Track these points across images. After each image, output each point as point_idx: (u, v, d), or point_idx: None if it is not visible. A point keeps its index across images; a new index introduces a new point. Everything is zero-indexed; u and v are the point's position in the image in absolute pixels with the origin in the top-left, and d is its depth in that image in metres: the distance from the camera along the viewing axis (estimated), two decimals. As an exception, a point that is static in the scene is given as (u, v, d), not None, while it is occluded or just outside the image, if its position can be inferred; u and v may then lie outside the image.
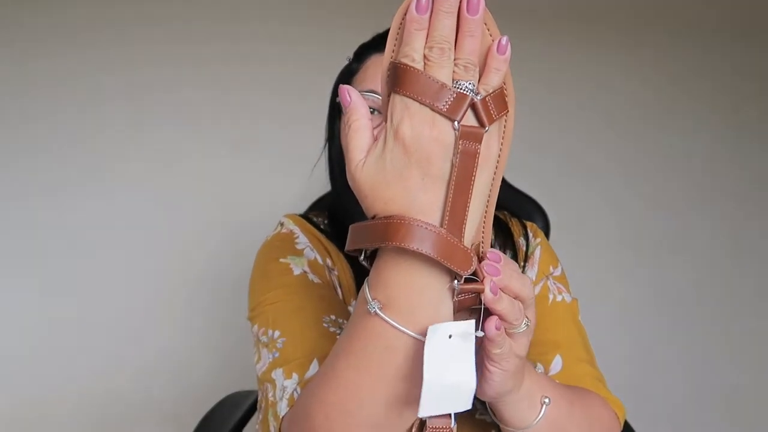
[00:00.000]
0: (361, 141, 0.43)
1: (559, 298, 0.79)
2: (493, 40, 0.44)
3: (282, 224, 0.83)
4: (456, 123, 0.40)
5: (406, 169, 0.41)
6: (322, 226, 0.84)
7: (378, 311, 0.43)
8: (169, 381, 1.49)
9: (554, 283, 0.81)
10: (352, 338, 0.45)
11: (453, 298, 0.43)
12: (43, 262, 1.45)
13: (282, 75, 1.54)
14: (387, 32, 0.44)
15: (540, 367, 0.73)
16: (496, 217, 0.87)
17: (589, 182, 1.69)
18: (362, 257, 0.46)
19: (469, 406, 0.42)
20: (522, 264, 0.82)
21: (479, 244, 0.46)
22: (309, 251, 0.78)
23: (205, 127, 1.51)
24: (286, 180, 1.48)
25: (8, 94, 1.44)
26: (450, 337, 0.41)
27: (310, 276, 0.74)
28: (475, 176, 0.41)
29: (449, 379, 0.40)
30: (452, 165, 0.41)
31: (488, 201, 0.45)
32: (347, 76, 0.81)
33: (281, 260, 0.76)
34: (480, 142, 0.41)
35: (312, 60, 1.46)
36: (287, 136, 1.52)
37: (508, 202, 0.99)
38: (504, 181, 1.06)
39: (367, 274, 0.46)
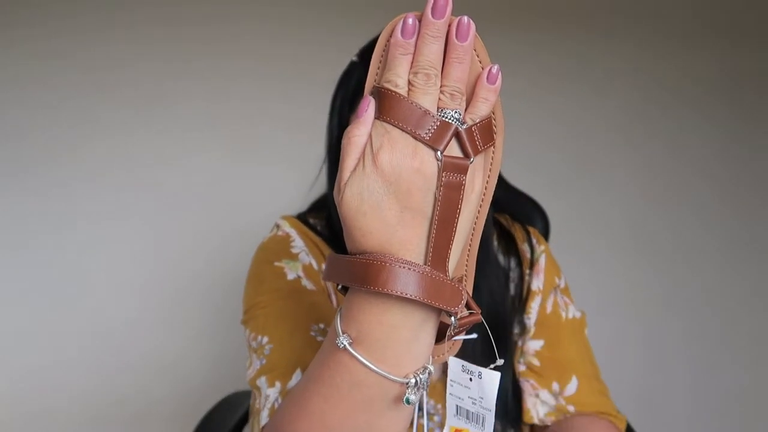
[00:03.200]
0: (353, 161, 0.40)
1: (570, 315, 0.80)
2: (482, 68, 0.41)
3: (278, 226, 0.82)
4: (439, 153, 0.38)
5: (384, 199, 0.38)
6: (319, 228, 0.82)
7: (347, 347, 0.40)
8: (169, 381, 1.49)
9: (562, 298, 0.82)
10: (323, 367, 0.44)
11: (449, 333, 0.42)
12: (43, 262, 1.45)
13: (283, 76, 1.54)
14: None
15: (556, 386, 0.75)
16: (498, 223, 0.86)
17: (596, 184, 1.69)
18: (339, 287, 0.44)
19: None
20: (527, 271, 0.82)
21: (462, 277, 0.44)
22: (304, 255, 0.77)
23: (206, 128, 1.51)
24: (286, 182, 1.48)
25: (8, 93, 1.44)
26: (471, 380, 0.42)
27: (304, 281, 0.73)
28: (460, 210, 0.39)
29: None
30: (435, 199, 0.38)
31: (472, 235, 0.43)
32: (349, 75, 0.79)
33: (276, 264, 0.75)
34: (465, 174, 0.39)
35: (314, 61, 1.46)
36: (288, 137, 1.52)
37: (508, 204, 0.99)
38: (503, 181, 1.06)
39: None
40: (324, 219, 0.84)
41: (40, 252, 1.45)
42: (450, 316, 0.41)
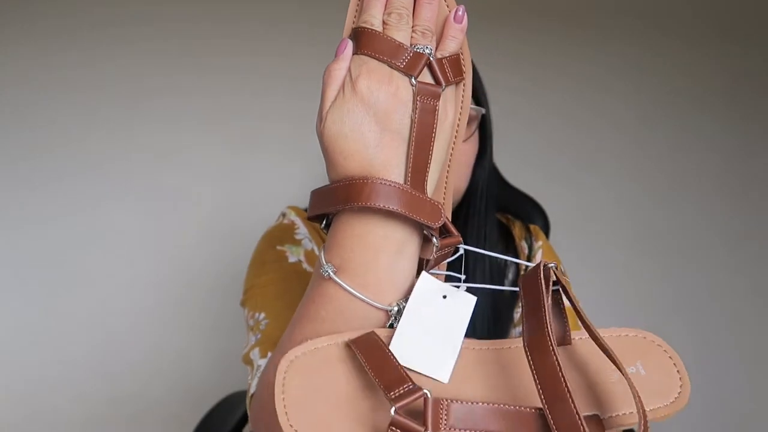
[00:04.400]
0: (334, 92, 0.42)
1: (565, 304, 0.79)
2: (449, 11, 0.45)
3: (284, 215, 0.85)
4: (413, 79, 0.41)
5: (364, 122, 0.41)
6: None
7: (332, 275, 0.41)
8: (169, 381, 1.49)
9: None
10: (308, 303, 0.44)
11: (432, 254, 0.43)
12: (43, 261, 1.45)
13: (284, 73, 1.53)
14: None
15: None
16: (498, 221, 0.87)
17: (597, 182, 1.68)
18: (323, 224, 0.45)
19: (444, 380, 0.40)
20: (525, 267, 0.82)
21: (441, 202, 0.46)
22: (307, 242, 0.79)
23: (206, 125, 1.51)
24: (287, 179, 1.48)
25: (9, 93, 1.44)
26: (445, 297, 0.40)
27: (305, 265, 0.75)
28: (435, 134, 0.42)
29: (427, 341, 0.39)
30: (412, 121, 0.41)
31: (448, 169, 0.45)
32: None
33: (278, 247, 0.77)
34: (438, 100, 0.42)
35: (314, 58, 1.46)
36: (289, 134, 1.52)
37: (509, 203, 0.99)
38: (503, 181, 1.06)
39: None
40: None
41: (38, 250, 1.44)
42: (431, 237, 0.42)
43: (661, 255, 1.71)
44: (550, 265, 0.41)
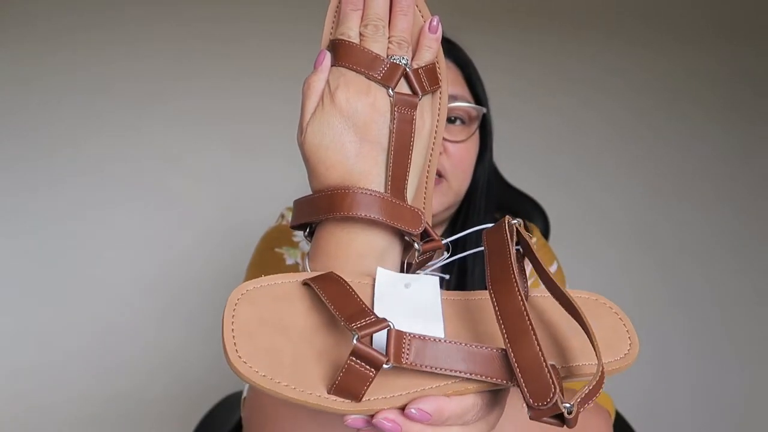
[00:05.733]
0: (313, 103, 0.43)
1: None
2: (424, 21, 0.46)
3: (282, 216, 0.86)
4: (390, 90, 0.42)
5: (344, 133, 0.42)
6: None
7: None
8: (168, 381, 1.49)
9: None
10: None
11: (414, 258, 0.43)
12: (43, 261, 1.45)
13: (283, 74, 1.53)
14: None
15: None
16: (495, 219, 0.87)
17: (598, 182, 1.69)
18: (306, 232, 0.45)
19: None
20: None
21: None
22: (305, 244, 0.79)
23: (206, 126, 1.51)
24: (287, 180, 1.47)
25: (9, 93, 1.44)
26: (407, 286, 0.40)
27: (302, 267, 0.75)
28: (413, 143, 0.42)
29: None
30: (390, 131, 0.42)
31: (427, 175, 0.46)
32: None
33: (276, 250, 0.78)
34: (415, 110, 0.43)
35: (314, 59, 1.46)
36: (289, 135, 1.52)
37: (508, 203, 0.99)
38: (504, 181, 1.06)
39: None
40: None
41: (38, 249, 1.45)
42: (413, 243, 0.43)
43: (661, 255, 1.71)
44: (513, 221, 0.42)
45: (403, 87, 0.43)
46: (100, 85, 1.47)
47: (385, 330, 0.34)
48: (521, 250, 0.42)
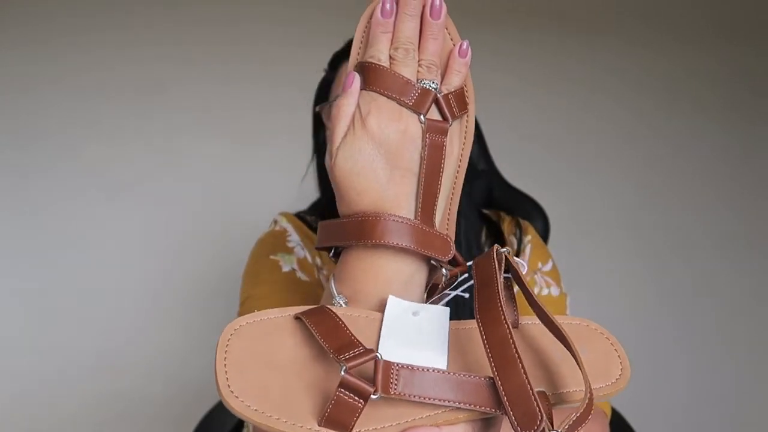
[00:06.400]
0: (343, 128, 0.43)
1: (545, 292, 0.80)
2: (454, 44, 0.45)
3: (276, 222, 0.85)
4: (422, 116, 0.42)
5: (375, 159, 0.41)
6: (314, 225, 0.85)
7: (344, 306, 0.42)
8: (168, 381, 1.49)
9: (542, 278, 0.81)
10: None
11: (441, 281, 0.43)
12: (43, 261, 1.45)
13: (282, 76, 1.53)
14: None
15: None
16: (487, 217, 0.87)
17: (595, 182, 1.69)
18: (331, 253, 0.45)
19: None
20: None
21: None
22: (299, 249, 0.79)
23: (202, 129, 1.51)
24: (286, 181, 1.47)
25: (9, 93, 1.44)
26: (415, 314, 0.40)
27: (299, 273, 0.76)
28: (443, 169, 0.42)
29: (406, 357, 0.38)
30: (421, 158, 0.42)
31: (452, 197, 0.46)
32: (325, 86, 0.82)
33: (271, 257, 0.77)
34: (446, 136, 0.42)
35: (315, 60, 1.46)
36: (288, 137, 1.52)
37: (508, 203, 0.99)
38: (503, 181, 1.06)
39: None
40: (319, 217, 0.87)
41: (38, 250, 1.45)
42: (440, 267, 0.43)
43: (659, 256, 1.71)
44: (503, 250, 0.42)
45: (433, 112, 0.43)
46: (94, 86, 1.47)
47: (373, 361, 0.34)
48: (511, 277, 0.42)
